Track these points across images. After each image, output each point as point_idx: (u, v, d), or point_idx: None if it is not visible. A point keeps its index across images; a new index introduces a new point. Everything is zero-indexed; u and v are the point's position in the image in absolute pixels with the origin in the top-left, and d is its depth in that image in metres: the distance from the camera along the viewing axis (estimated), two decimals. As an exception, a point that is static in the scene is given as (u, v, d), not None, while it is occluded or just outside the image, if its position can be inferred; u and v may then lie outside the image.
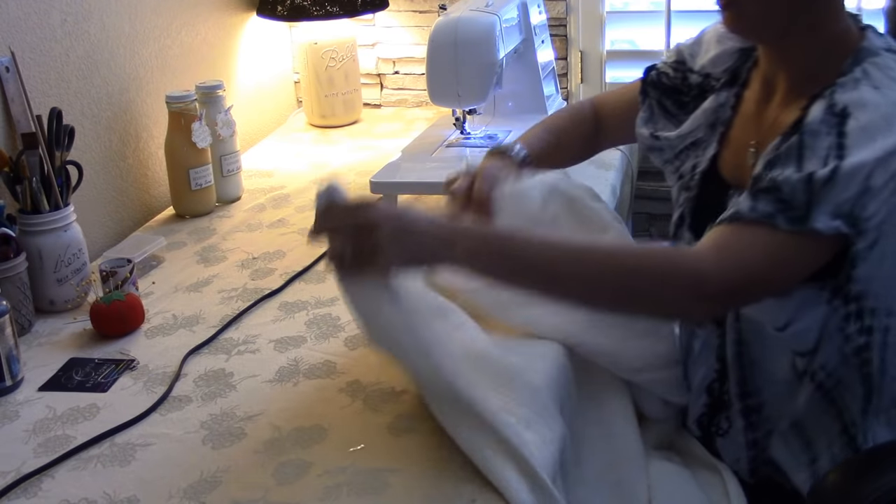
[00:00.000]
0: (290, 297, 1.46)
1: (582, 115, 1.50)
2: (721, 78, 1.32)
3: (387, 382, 1.22)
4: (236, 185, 1.88)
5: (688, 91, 1.37)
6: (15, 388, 1.25)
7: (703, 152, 1.31)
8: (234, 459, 1.09)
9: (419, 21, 2.34)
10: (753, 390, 1.23)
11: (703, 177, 1.29)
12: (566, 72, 2.29)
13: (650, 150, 1.40)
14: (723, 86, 1.31)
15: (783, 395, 1.20)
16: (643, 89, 1.43)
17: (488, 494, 1.00)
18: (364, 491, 1.02)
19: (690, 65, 1.37)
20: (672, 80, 1.39)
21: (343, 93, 2.26)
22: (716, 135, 1.30)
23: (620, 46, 2.31)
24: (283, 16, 2.16)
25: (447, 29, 1.69)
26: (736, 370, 1.23)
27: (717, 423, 1.28)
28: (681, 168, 1.34)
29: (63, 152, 1.48)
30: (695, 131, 1.32)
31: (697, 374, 1.29)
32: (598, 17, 2.25)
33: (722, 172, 1.28)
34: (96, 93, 1.70)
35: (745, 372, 1.22)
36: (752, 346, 1.21)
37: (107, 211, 1.73)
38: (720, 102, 1.30)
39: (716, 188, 1.27)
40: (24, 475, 1.07)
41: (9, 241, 1.35)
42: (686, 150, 1.33)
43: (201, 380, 1.25)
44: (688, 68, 1.38)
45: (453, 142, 1.82)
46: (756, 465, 1.25)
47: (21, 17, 1.52)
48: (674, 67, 1.40)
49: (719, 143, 1.29)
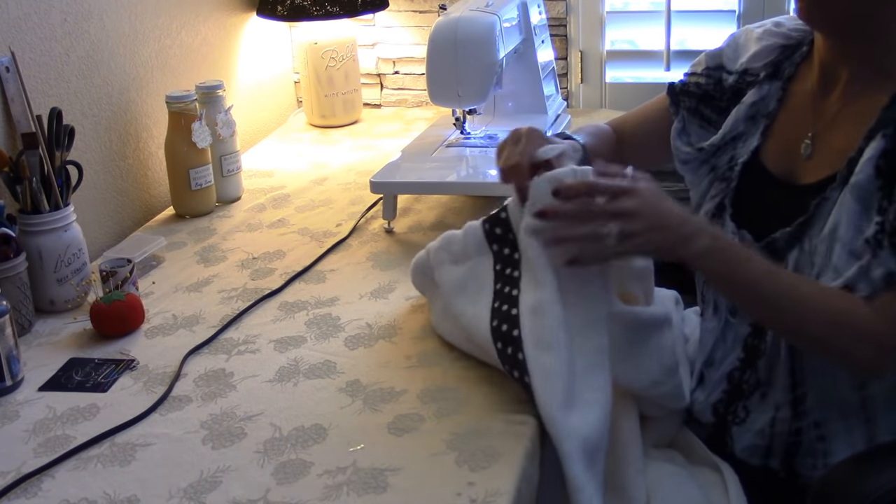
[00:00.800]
0: (290, 297, 1.46)
1: (607, 133, 1.50)
2: (761, 72, 1.32)
3: (387, 382, 1.22)
4: (236, 185, 1.88)
5: (721, 96, 1.37)
6: (15, 388, 1.25)
7: (742, 144, 1.31)
8: (234, 459, 1.09)
9: (419, 21, 2.34)
10: (800, 381, 1.22)
11: (744, 168, 1.30)
12: (566, 72, 2.29)
13: (685, 162, 1.39)
14: (765, 79, 1.32)
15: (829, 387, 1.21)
16: (674, 100, 1.42)
17: (488, 494, 1.00)
18: (364, 491, 1.02)
19: (729, 66, 1.37)
20: (704, 87, 1.39)
21: (343, 93, 2.27)
22: (758, 127, 1.30)
23: (620, 46, 2.31)
24: (283, 16, 2.16)
25: (447, 29, 1.69)
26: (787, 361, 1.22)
27: (735, 412, 1.27)
28: (716, 163, 1.35)
29: (63, 152, 1.48)
30: (735, 125, 1.33)
31: (723, 362, 1.29)
32: (598, 17, 2.25)
33: (765, 164, 1.29)
34: (96, 93, 1.70)
35: (794, 363, 1.22)
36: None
37: (107, 211, 1.73)
38: (763, 95, 1.31)
39: (757, 179, 1.28)
40: (24, 475, 1.07)
41: (9, 241, 1.35)
42: (724, 147, 1.34)
43: (201, 380, 1.25)
44: (725, 70, 1.38)
45: (453, 142, 1.82)
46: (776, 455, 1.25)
47: (21, 17, 1.52)
48: (706, 74, 1.39)
49: (763, 134, 1.29)
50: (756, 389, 1.25)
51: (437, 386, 1.20)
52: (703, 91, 1.39)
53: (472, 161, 1.76)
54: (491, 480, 1.02)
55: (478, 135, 1.83)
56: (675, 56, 2.20)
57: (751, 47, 1.36)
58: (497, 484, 1.02)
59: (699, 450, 1.29)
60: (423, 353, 1.28)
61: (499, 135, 1.83)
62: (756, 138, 1.30)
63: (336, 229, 1.70)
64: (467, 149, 1.80)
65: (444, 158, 1.76)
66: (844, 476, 1.10)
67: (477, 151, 1.78)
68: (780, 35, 1.34)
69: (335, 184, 1.92)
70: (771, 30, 1.36)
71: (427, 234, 1.66)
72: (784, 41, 1.33)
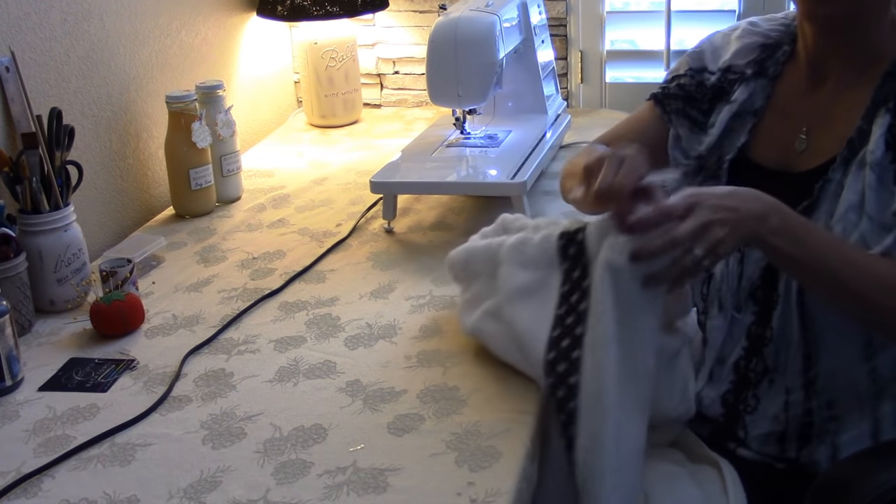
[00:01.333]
0: (290, 297, 1.46)
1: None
2: (746, 70, 1.33)
3: (387, 382, 1.22)
4: (236, 185, 1.88)
5: (703, 97, 1.37)
6: (15, 388, 1.25)
7: (728, 142, 1.32)
8: (234, 459, 1.09)
9: (419, 21, 2.34)
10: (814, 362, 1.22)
11: (732, 164, 1.30)
12: (566, 72, 2.29)
13: (684, 174, 1.38)
14: (752, 76, 1.33)
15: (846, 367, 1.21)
16: (663, 108, 1.41)
17: (488, 494, 1.00)
18: (364, 491, 1.02)
19: (711, 67, 1.38)
20: (687, 88, 1.39)
21: (343, 93, 2.27)
22: (746, 125, 1.31)
23: (620, 46, 2.31)
24: (283, 16, 2.16)
25: (447, 29, 1.69)
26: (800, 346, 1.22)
27: (745, 401, 1.27)
28: (705, 162, 1.35)
29: (63, 152, 1.48)
30: (727, 124, 1.33)
31: (730, 356, 1.29)
32: (598, 17, 2.25)
33: (754, 159, 1.29)
34: (96, 93, 1.70)
35: (808, 347, 1.22)
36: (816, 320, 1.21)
37: (107, 211, 1.73)
38: (750, 91, 1.32)
39: (748, 174, 1.28)
40: (24, 475, 1.07)
41: (9, 241, 1.35)
42: (714, 147, 1.34)
43: (201, 380, 1.25)
44: (707, 70, 1.38)
45: (453, 142, 1.82)
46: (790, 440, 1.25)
47: (21, 17, 1.52)
48: (689, 75, 1.40)
49: (750, 132, 1.30)
50: (763, 377, 1.25)
51: (437, 386, 1.20)
52: (686, 92, 1.39)
53: (472, 161, 1.76)
54: (491, 480, 1.02)
55: (478, 135, 1.83)
56: (675, 56, 2.20)
57: (731, 46, 1.36)
58: (497, 484, 1.02)
59: (698, 448, 1.29)
60: (423, 353, 1.28)
61: (499, 135, 1.84)
62: (743, 135, 1.31)
63: (336, 229, 1.70)
64: (467, 149, 1.80)
65: (444, 158, 1.76)
66: (846, 473, 1.10)
67: (477, 151, 1.78)
68: (758, 34, 1.35)
69: (335, 184, 1.92)
70: (749, 29, 1.37)
71: (427, 234, 1.66)
72: (764, 40, 1.34)
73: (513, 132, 1.85)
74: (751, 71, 1.33)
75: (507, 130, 1.86)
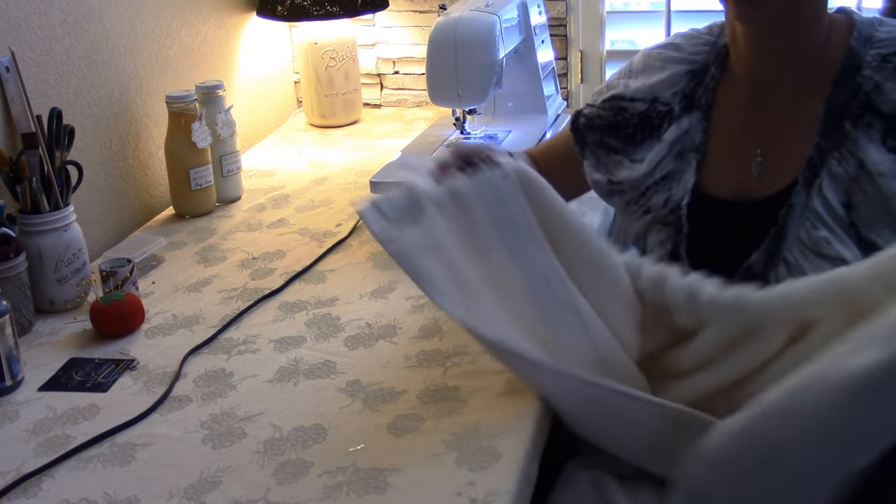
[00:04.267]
0: (290, 297, 1.46)
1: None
2: (674, 104, 1.30)
3: (387, 382, 1.22)
4: (236, 185, 1.88)
5: (626, 123, 1.34)
6: (15, 388, 1.25)
7: (676, 184, 1.28)
8: (234, 459, 1.09)
9: (419, 21, 2.34)
10: None
11: (689, 209, 1.26)
12: (566, 72, 2.29)
13: (609, 195, 1.36)
14: (681, 112, 1.29)
15: None
16: (578, 139, 1.39)
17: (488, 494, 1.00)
18: (364, 491, 1.02)
19: (627, 94, 1.34)
20: (606, 118, 1.36)
21: (343, 93, 2.27)
22: (690, 163, 1.28)
23: (620, 46, 2.31)
24: (283, 16, 2.16)
25: (447, 29, 1.69)
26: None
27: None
28: (648, 204, 1.31)
29: (63, 152, 1.48)
30: (661, 165, 1.29)
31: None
32: (598, 17, 2.25)
33: (710, 192, 1.26)
34: (96, 93, 1.70)
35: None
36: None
37: (107, 211, 1.73)
38: (684, 130, 1.28)
39: (709, 213, 1.25)
40: (24, 475, 1.07)
41: (9, 241, 1.35)
42: (654, 186, 1.30)
43: (201, 380, 1.25)
44: (623, 98, 1.34)
45: (453, 142, 1.82)
46: None
47: (21, 17, 1.52)
48: (603, 107, 1.37)
49: (697, 170, 1.27)
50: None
51: (437, 386, 1.20)
52: (605, 122, 1.36)
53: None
54: (491, 480, 1.02)
55: (478, 135, 1.83)
56: (675, 56, 2.20)
57: (654, 73, 1.33)
58: (497, 484, 1.02)
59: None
60: (423, 353, 1.28)
61: (499, 135, 1.84)
62: (691, 175, 1.27)
63: (336, 229, 1.70)
64: (467, 149, 1.80)
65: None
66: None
67: (477, 151, 1.78)
68: (683, 61, 1.31)
69: (335, 184, 1.92)
70: (672, 56, 1.33)
71: (427, 234, 1.66)
72: (689, 66, 1.31)
73: (513, 132, 1.85)
74: (679, 107, 1.29)
75: (508, 130, 1.86)
